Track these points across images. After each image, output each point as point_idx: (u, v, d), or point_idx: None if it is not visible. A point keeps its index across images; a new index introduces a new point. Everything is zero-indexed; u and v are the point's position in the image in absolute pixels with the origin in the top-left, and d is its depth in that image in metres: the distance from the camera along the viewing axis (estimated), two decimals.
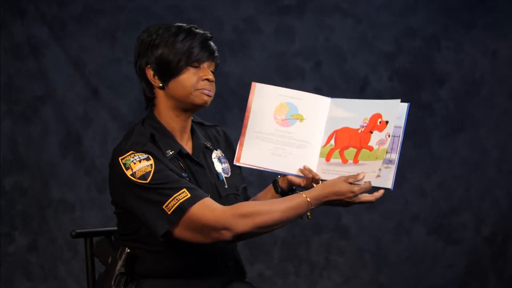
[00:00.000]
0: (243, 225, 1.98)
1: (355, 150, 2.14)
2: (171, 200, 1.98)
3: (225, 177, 2.18)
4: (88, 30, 3.85)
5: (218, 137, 2.25)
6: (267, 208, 2.00)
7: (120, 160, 2.02)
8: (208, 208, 1.97)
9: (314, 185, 2.14)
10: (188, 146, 2.15)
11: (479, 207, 4.09)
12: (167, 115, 2.12)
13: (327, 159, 2.17)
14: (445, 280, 4.07)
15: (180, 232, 1.99)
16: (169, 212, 1.98)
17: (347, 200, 2.05)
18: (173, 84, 2.08)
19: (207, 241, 2.00)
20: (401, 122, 2.12)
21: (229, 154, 2.24)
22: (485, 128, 4.08)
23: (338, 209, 4.02)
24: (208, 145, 2.19)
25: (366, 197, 2.06)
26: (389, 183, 2.10)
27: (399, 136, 2.11)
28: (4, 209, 3.80)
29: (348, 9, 4.02)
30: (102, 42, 3.86)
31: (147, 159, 2.01)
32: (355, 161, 2.13)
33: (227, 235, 1.98)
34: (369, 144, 2.13)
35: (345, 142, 2.16)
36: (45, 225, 3.83)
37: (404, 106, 2.13)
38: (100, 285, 2.15)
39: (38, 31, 3.81)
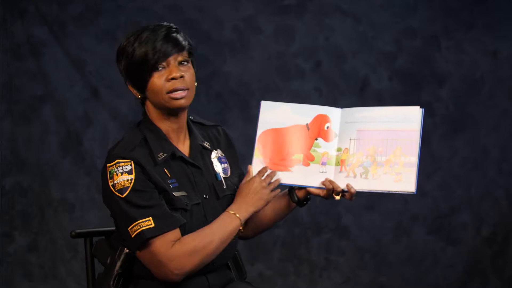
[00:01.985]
0: (191, 262, 2.00)
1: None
2: (135, 225, 1.99)
3: (224, 177, 2.17)
4: (88, 30, 3.85)
5: (218, 137, 2.23)
6: (208, 238, 2.02)
7: (107, 167, 2.04)
8: (165, 246, 1.99)
9: (335, 196, 2.17)
10: (185, 147, 2.14)
11: (479, 207, 4.08)
12: (158, 119, 2.11)
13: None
14: (445, 280, 4.07)
15: (140, 257, 2.03)
16: (132, 235, 2.00)
17: (258, 189, 2.10)
18: (148, 93, 2.08)
19: (157, 276, 2.02)
20: (416, 126, 2.17)
21: (230, 153, 2.23)
22: (485, 128, 4.08)
23: (338, 209, 4.02)
24: (207, 145, 2.18)
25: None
26: (411, 187, 2.15)
27: (416, 140, 2.17)
28: (4, 209, 3.80)
29: (348, 9, 4.02)
30: (102, 42, 3.86)
31: (129, 172, 2.01)
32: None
33: (176, 278, 2.00)
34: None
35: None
36: (45, 225, 3.83)
37: (419, 110, 2.18)
38: (99, 285, 2.15)
39: (38, 31, 3.81)
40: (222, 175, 2.17)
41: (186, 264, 1.99)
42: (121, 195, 2.01)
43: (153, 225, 1.98)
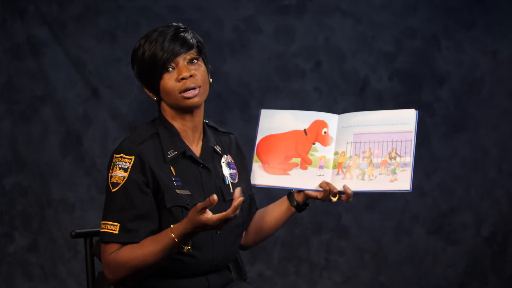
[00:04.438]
0: (120, 272, 2.02)
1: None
2: (104, 223, 2.03)
3: (231, 182, 2.18)
4: (88, 30, 3.85)
5: (229, 144, 2.25)
6: (142, 258, 2.00)
7: (114, 157, 2.06)
8: (110, 251, 2.02)
9: (332, 198, 2.20)
10: (198, 147, 2.16)
11: (479, 207, 4.08)
12: (173, 119, 2.13)
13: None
14: (445, 280, 4.07)
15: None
16: (100, 229, 2.06)
17: (200, 222, 1.95)
18: (162, 94, 2.10)
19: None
20: (411, 127, 2.20)
21: (240, 162, 2.24)
22: (485, 128, 4.08)
23: (338, 209, 4.02)
24: (218, 149, 2.19)
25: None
26: (407, 185, 2.17)
27: (411, 140, 2.19)
28: (4, 209, 3.80)
29: (348, 9, 4.02)
30: (102, 42, 3.86)
31: (125, 170, 2.03)
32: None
33: (113, 279, 2.04)
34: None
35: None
36: (45, 225, 3.83)
37: (413, 112, 2.22)
38: (100, 285, 2.15)
39: (38, 31, 3.81)
40: (229, 179, 2.18)
41: (118, 272, 2.02)
42: (111, 189, 2.03)
43: (116, 232, 2.02)
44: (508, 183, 4.09)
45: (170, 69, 2.07)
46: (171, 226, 1.98)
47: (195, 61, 2.09)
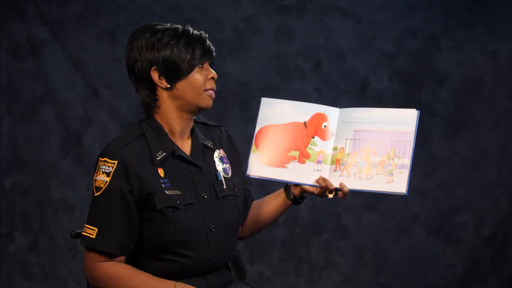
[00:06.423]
0: (106, 286, 2.04)
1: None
2: (85, 226, 2.06)
3: (224, 177, 2.17)
4: (88, 30, 3.85)
5: (221, 137, 2.24)
6: (133, 276, 2.02)
7: (99, 160, 2.06)
8: (94, 260, 2.04)
9: (328, 194, 2.19)
10: (187, 145, 2.15)
11: (479, 207, 4.09)
12: (169, 117, 2.11)
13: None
14: (445, 280, 4.07)
15: None
16: (82, 232, 2.07)
17: None
18: (181, 85, 2.08)
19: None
20: (411, 128, 2.19)
21: (232, 155, 2.23)
22: (485, 128, 4.08)
23: (338, 209, 4.02)
24: (209, 144, 2.18)
25: None
26: (403, 188, 2.16)
27: (410, 142, 2.18)
28: (4, 209, 3.80)
29: (348, 9, 4.02)
30: (102, 42, 3.86)
31: (108, 174, 2.03)
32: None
33: (92, 284, 2.06)
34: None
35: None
36: (45, 225, 3.83)
37: (415, 112, 2.21)
38: None
39: (38, 31, 3.81)
40: (222, 175, 2.17)
41: (101, 283, 2.04)
42: (94, 192, 2.05)
43: (93, 236, 2.03)
44: (508, 183, 4.09)
45: (200, 65, 2.09)
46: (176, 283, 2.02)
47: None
